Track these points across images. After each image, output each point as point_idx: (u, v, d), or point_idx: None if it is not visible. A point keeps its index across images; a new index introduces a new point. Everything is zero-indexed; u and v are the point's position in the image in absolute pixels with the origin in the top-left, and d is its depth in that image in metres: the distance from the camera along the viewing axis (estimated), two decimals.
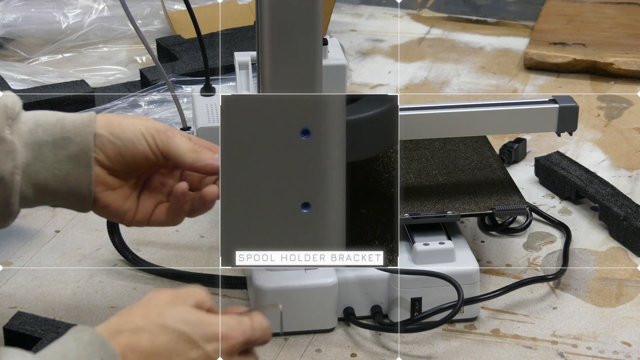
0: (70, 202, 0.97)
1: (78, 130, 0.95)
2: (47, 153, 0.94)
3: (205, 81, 1.17)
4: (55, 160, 0.95)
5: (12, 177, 0.93)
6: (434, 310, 1.12)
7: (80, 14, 1.86)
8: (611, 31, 1.90)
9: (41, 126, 0.95)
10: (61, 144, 0.95)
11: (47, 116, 0.96)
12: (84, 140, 0.95)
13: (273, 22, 1.02)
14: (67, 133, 0.95)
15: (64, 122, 0.96)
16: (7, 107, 0.93)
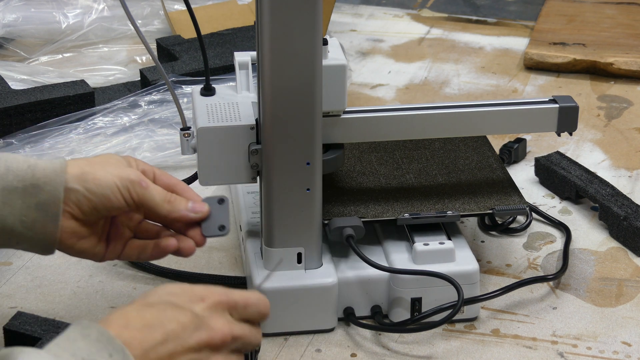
0: (34, 247, 0.98)
1: (49, 179, 0.95)
2: (15, 199, 0.95)
3: (205, 81, 1.17)
4: (23, 207, 0.95)
5: None
6: (434, 310, 1.12)
7: (80, 14, 1.86)
8: (611, 31, 1.90)
9: (12, 171, 0.95)
10: (31, 191, 0.95)
11: (19, 162, 0.96)
12: (53, 189, 0.95)
13: (273, 22, 1.02)
14: (37, 181, 0.95)
15: (35, 169, 0.96)
16: None
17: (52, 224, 0.96)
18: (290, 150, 1.08)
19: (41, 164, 0.96)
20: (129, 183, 0.99)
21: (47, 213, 0.96)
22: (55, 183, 0.95)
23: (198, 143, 1.12)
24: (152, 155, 1.49)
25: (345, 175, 1.26)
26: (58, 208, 0.96)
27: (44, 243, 0.98)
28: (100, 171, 0.98)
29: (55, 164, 0.97)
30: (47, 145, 1.47)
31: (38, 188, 0.95)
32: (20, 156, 0.97)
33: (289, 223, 1.11)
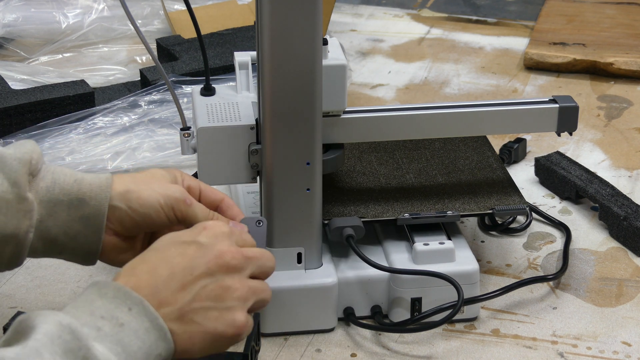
0: (76, 257, 0.99)
1: (94, 194, 0.97)
2: (60, 212, 0.96)
3: (205, 81, 1.17)
4: (68, 219, 0.96)
5: (26, 236, 0.94)
6: (434, 310, 1.12)
7: (80, 14, 1.86)
8: (611, 31, 1.90)
9: (58, 184, 0.96)
10: (76, 204, 0.96)
11: (66, 175, 0.97)
12: (98, 204, 0.97)
13: (273, 22, 1.02)
14: (83, 195, 0.96)
15: (81, 183, 0.97)
16: (31, 164, 0.94)
17: (94, 237, 0.97)
18: (290, 150, 1.08)
19: (87, 179, 0.97)
20: (173, 201, 0.99)
21: (91, 226, 0.97)
22: (100, 198, 0.97)
23: (198, 143, 1.12)
24: (152, 155, 1.49)
25: (345, 175, 1.26)
26: (101, 222, 0.97)
27: (86, 254, 0.99)
28: (145, 190, 0.99)
29: (102, 180, 0.98)
30: (47, 145, 1.48)
31: (83, 202, 0.96)
32: (67, 170, 0.98)
33: (289, 223, 1.11)
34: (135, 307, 0.81)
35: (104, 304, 0.81)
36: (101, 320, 0.80)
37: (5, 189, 0.92)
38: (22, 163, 0.93)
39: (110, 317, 0.80)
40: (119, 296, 0.82)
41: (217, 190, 1.05)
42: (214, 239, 0.88)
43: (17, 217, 0.93)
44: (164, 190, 0.99)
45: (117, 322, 0.80)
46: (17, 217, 0.93)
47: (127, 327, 0.80)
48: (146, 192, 0.99)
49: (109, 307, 0.81)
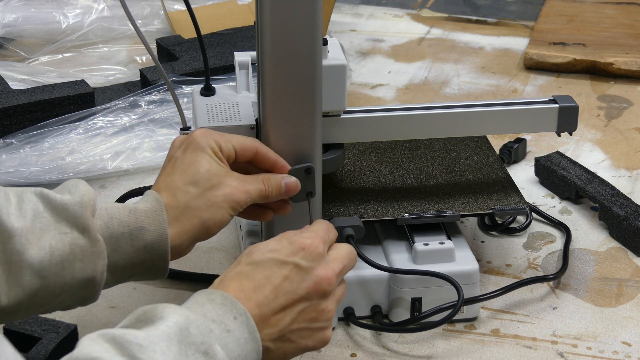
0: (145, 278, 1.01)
1: (152, 220, 0.98)
2: (124, 245, 0.96)
3: (205, 81, 1.17)
4: (132, 250, 0.97)
5: (102, 276, 0.95)
6: (434, 310, 1.12)
7: (80, 14, 1.86)
8: (611, 31, 1.90)
9: (116, 219, 0.97)
10: (137, 234, 0.97)
11: (119, 209, 0.98)
12: (158, 228, 0.98)
13: (273, 22, 1.02)
14: (141, 223, 0.97)
15: (136, 213, 0.98)
16: (91, 206, 0.94)
17: (161, 261, 0.99)
18: (290, 150, 1.08)
19: (141, 207, 0.98)
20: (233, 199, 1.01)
21: (156, 253, 0.98)
22: (159, 222, 0.98)
23: None
24: (152, 155, 1.49)
25: (345, 175, 1.26)
26: (165, 247, 0.98)
27: (154, 276, 1.00)
28: None
29: (154, 205, 0.98)
30: (47, 145, 1.48)
31: (143, 230, 0.97)
32: (119, 204, 0.99)
33: (289, 223, 1.11)
34: (239, 317, 0.86)
35: (214, 309, 0.86)
36: (212, 322, 0.84)
37: (76, 236, 0.93)
38: (84, 206, 0.94)
39: (220, 321, 0.85)
40: (226, 304, 0.86)
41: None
42: (312, 262, 0.92)
43: (92, 261, 0.94)
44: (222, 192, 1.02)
45: (225, 327, 0.85)
46: (92, 260, 0.94)
47: (232, 334, 0.85)
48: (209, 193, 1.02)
49: (218, 312, 0.85)
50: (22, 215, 0.91)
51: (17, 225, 0.90)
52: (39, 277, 0.91)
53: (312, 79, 1.05)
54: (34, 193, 0.93)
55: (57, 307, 0.95)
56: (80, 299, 0.95)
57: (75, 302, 0.96)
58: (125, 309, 1.19)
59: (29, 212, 0.91)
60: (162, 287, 1.24)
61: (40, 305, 0.93)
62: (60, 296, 0.93)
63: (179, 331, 0.80)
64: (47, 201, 0.93)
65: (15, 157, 1.45)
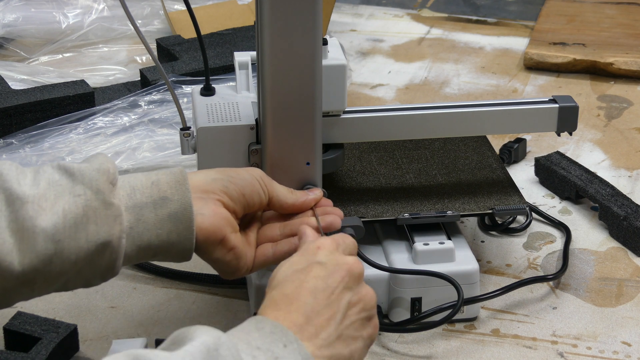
0: (171, 257, 0.99)
1: (175, 189, 0.97)
2: (148, 214, 0.96)
3: (205, 81, 1.17)
4: (156, 219, 0.96)
5: (119, 241, 0.94)
6: (434, 310, 1.12)
7: (80, 14, 1.86)
8: (611, 31, 1.90)
9: (138, 190, 0.96)
10: (160, 203, 0.96)
11: (141, 180, 0.97)
12: (182, 197, 0.97)
13: (273, 22, 1.02)
14: (164, 193, 0.97)
15: (159, 184, 0.97)
16: (109, 173, 0.94)
17: (186, 232, 0.97)
18: (290, 150, 1.08)
19: (163, 178, 0.98)
20: (259, 174, 1.03)
21: (181, 222, 0.97)
22: (182, 192, 0.97)
23: (198, 143, 1.12)
24: (152, 155, 1.49)
25: (345, 175, 1.26)
26: (190, 215, 0.97)
27: (181, 251, 0.98)
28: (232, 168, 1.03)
29: (177, 175, 0.98)
30: (47, 145, 1.48)
31: (167, 200, 0.96)
32: (140, 175, 0.98)
33: None
34: (290, 345, 0.82)
35: (261, 337, 0.82)
36: (257, 350, 0.81)
37: (89, 197, 0.92)
38: (101, 172, 0.94)
39: (266, 349, 0.81)
40: (276, 332, 0.83)
41: None
42: (332, 255, 0.91)
43: (107, 224, 0.93)
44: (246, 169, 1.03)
45: (273, 355, 0.81)
46: (107, 223, 0.93)
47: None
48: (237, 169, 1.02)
49: (265, 340, 0.82)
50: (35, 184, 0.91)
51: (29, 192, 0.90)
52: (53, 241, 0.89)
53: (312, 79, 1.05)
54: (51, 165, 0.93)
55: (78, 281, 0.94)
56: (100, 269, 0.93)
57: (94, 274, 0.94)
58: (125, 309, 1.19)
59: (43, 181, 0.91)
60: (162, 287, 1.24)
61: (58, 275, 0.91)
62: (76, 264, 0.91)
63: (206, 351, 0.77)
64: (64, 170, 0.93)
65: (15, 157, 1.45)
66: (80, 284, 0.94)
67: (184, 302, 1.20)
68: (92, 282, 0.95)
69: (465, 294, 1.12)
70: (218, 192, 0.99)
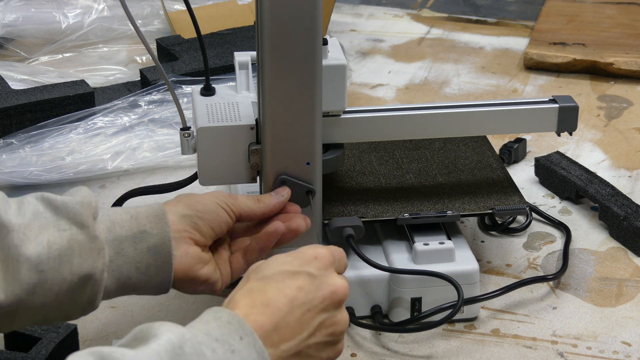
0: (150, 290, 1.00)
1: (154, 224, 0.98)
2: (127, 248, 0.97)
3: (205, 81, 1.17)
4: (136, 253, 0.97)
5: (102, 275, 0.95)
6: (434, 310, 1.12)
7: (80, 14, 1.86)
8: (611, 31, 1.90)
9: (117, 224, 0.97)
10: (140, 237, 0.97)
11: (121, 215, 0.98)
12: (161, 231, 0.98)
13: (273, 22, 1.02)
14: (143, 227, 0.98)
15: (138, 218, 0.98)
16: (91, 206, 0.95)
17: (165, 267, 0.98)
18: (290, 150, 1.08)
19: (142, 212, 0.99)
20: (223, 198, 1.04)
21: (160, 255, 0.98)
22: (161, 225, 0.98)
23: (198, 143, 1.12)
24: (152, 155, 1.49)
25: (345, 175, 1.26)
26: (169, 249, 0.98)
27: (159, 284, 0.99)
28: (199, 197, 1.03)
29: (155, 209, 1.00)
30: (47, 145, 1.48)
31: (146, 234, 0.97)
32: (119, 209, 0.99)
33: None
34: (246, 337, 0.82)
35: (219, 327, 0.82)
36: (216, 342, 0.81)
37: (75, 232, 0.93)
38: (84, 206, 0.94)
39: (224, 341, 0.81)
40: (232, 322, 0.83)
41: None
42: (324, 271, 0.90)
43: (92, 257, 0.93)
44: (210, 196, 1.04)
45: (230, 347, 0.81)
46: (91, 256, 0.93)
47: (237, 354, 0.81)
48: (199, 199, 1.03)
49: (223, 331, 0.82)
50: (21, 214, 0.92)
51: (15, 221, 0.90)
52: (37, 271, 0.90)
53: (312, 79, 1.05)
54: (35, 197, 0.94)
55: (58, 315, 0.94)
56: (81, 303, 0.95)
57: (75, 308, 0.95)
58: (125, 309, 1.19)
59: (29, 212, 0.92)
60: None
61: (40, 306, 0.92)
62: (58, 296, 0.92)
63: (172, 349, 0.77)
64: (48, 202, 0.93)
65: (15, 157, 1.45)
66: (60, 317, 0.95)
67: (184, 302, 1.20)
68: (71, 316, 0.96)
69: (465, 294, 1.12)
70: (189, 230, 1.00)
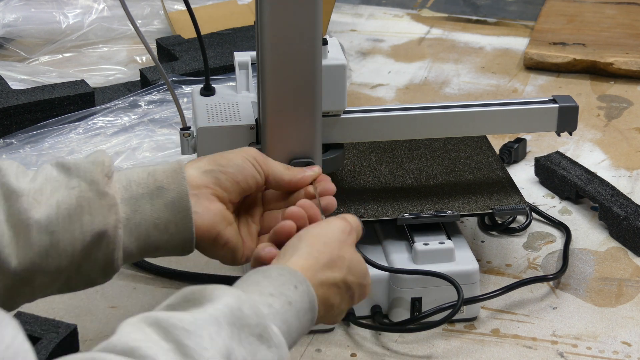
0: (173, 249, 0.98)
1: (171, 179, 0.96)
2: (144, 205, 0.95)
3: (205, 81, 1.17)
4: (153, 210, 0.95)
5: (116, 232, 0.93)
6: (434, 310, 1.12)
7: (80, 14, 1.86)
8: (611, 31, 1.90)
9: (134, 181, 0.96)
10: (156, 193, 0.96)
11: (138, 173, 0.97)
12: (178, 186, 0.96)
13: (273, 22, 1.02)
14: (160, 183, 0.96)
15: (155, 174, 0.97)
16: (103, 165, 0.94)
17: (185, 222, 0.96)
18: (291, 150, 1.08)
19: (160, 168, 0.97)
20: (253, 154, 1.00)
21: (178, 210, 0.96)
22: (178, 180, 0.96)
23: (198, 143, 1.12)
24: (152, 155, 1.49)
25: (345, 175, 1.26)
26: (187, 204, 0.96)
27: (181, 242, 0.97)
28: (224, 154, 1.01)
29: (173, 165, 0.98)
30: (47, 145, 1.48)
31: (162, 189, 0.96)
32: (137, 167, 0.98)
33: None
34: (300, 286, 0.83)
35: (271, 283, 0.83)
36: (271, 297, 0.81)
37: (83, 188, 0.92)
38: (95, 164, 0.94)
39: (279, 293, 0.82)
40: (284, 274, 0.84)
41: None
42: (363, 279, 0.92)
43: (102, 213, 0.92)
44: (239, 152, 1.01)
45: (287, 299, 0.82)
46: (102, 212, 0.92)
47: (294, 306, 0.82)
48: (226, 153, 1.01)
49: (276, 284, 0.83)
50: (32, 180, 0.92)
51: (25, 187, 0.90)
52: (47, 232, 0.89)
53: (312, 79, 1.05)
54: (50, 163, 0.94)
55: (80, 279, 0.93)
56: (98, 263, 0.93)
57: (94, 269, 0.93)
58: (125, 309, 1.19)
59: (40, 177, 0.92)
60: (162, 287, 1.24)
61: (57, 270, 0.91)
62: (74, 257, 0.91)
63: (230, 313, 0.77)
64: (61, 166, 0.93)
65: (15, 157, 1.45)
66: (83, 282, 0.94)
67: None
68: (94, 279, 0.94)
69: (465, 294, 1.12)
70: (211, 186, 0.98)
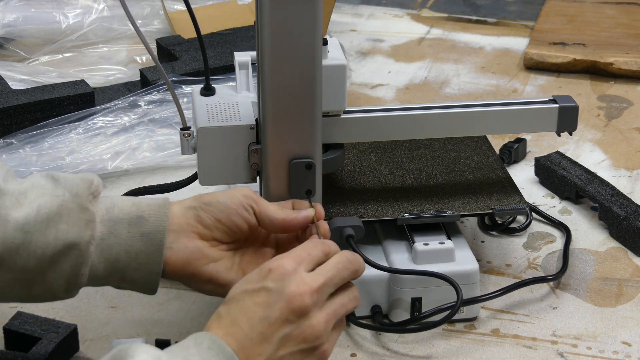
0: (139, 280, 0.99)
1: (153, 211, 0.98)
2: (121, 229, 0.97)
3: (205, 81, 1.17)
4: (128, 236, 0.97)
5: (87, 247, 0.95)
6: (434, 310, 1.12)
7: (80, 14, 1.86)
8: (611, 31, 1.90)
9: (117, 207, 0.98)
10: (135, 221, 0.97)
11: (124, 200, 0.99)
12: (158, 220, 0.98)
13: (273, 22, 1.02)
14: (142, 213, 0.98)
15: (139, 204, 0.99)
16: (91, 184, 0.96)
17: (156, 254, 0.97)
18: (290, 150, 1.08)
19: (145, 201, 0.99)
20: (245, 193, 1.01)
21: (152, 242, 0.97)
22: (159, 214, 0.98)
23: (198, 143, 1.12)
24: (152, 155, 1.49)
25: (345, 175, 1.26)
26: (162, 238, 0.97)
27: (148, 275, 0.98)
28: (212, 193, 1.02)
29: (160, 200, 1.00)
30: (47, 145, 1.48)
31: (142, 219, 0.97)
32: (125, 196, 1.00)
33: None
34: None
35: (199, 352, 0.83)
36: None
37: (67, 198, 0.94)
38: (83, 181, 0.96)
39: None
40: (213, 347, 0.84)
41: None
42: (281, 282, 0.89)
43: (79, 226, 0.94)
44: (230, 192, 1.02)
45: None
46: (79, 225, 0.94)
47: None
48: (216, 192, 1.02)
49: (203, 356, 0.83)
50: (19, 184, 0.93)
51: (10, 188, 0.92)
52: (22, 231, 0.91)
53: (312, 79, 1.05)
54: (40, 173, 0.96)
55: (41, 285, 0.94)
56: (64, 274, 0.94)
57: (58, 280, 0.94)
58: (125, 309, 1.19)
59: (28, 183, 0.94)
60: (162, 287, 1.23)
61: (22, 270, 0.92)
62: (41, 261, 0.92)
63: None
64: (50, 176, 0.95)
65: (15, 157, 1.45)
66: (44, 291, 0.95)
67: (184, 302, 1.20)
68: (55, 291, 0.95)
69: (465, 294, 1.12)
70: (192, 222, 1.00)
